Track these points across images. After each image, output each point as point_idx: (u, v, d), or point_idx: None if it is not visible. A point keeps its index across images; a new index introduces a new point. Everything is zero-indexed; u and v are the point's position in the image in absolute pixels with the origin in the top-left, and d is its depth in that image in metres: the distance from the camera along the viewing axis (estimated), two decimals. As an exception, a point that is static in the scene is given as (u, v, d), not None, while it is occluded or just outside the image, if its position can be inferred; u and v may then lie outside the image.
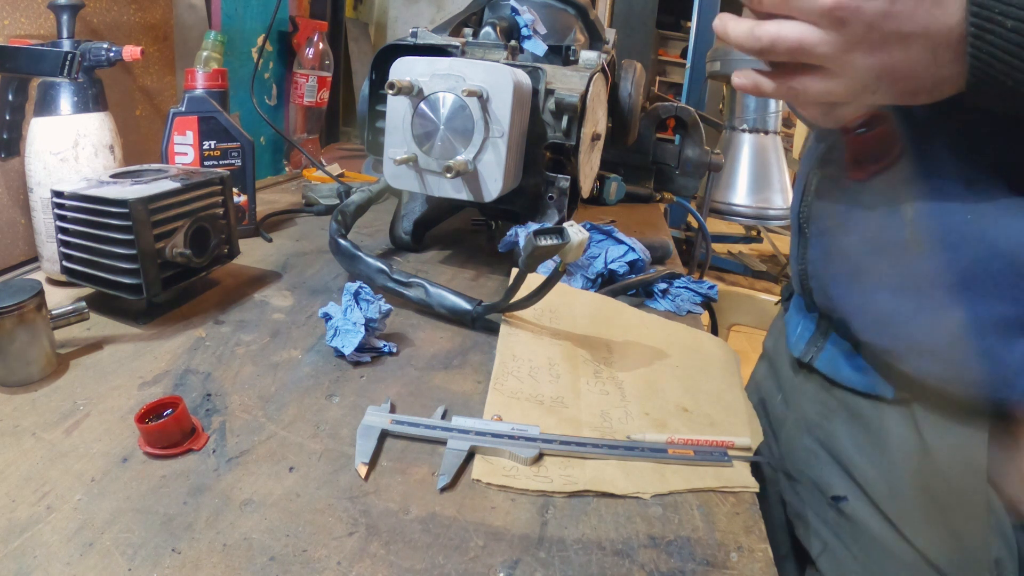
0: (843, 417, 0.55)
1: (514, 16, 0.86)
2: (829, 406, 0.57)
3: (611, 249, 0.76)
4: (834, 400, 0.56)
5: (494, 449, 0.45)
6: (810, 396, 0.59)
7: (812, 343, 0.58)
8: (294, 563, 0.36)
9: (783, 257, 4.04)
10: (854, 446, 0.54)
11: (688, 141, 1.11)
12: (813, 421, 0.58)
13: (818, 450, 0.57)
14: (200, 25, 1.04)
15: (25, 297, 0.49)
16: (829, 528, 0.56)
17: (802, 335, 0.59)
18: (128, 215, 0.56)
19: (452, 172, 0.65)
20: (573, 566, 0.37)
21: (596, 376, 0.56)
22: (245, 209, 0.87)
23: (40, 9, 0.72)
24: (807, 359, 0.58)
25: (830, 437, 0.56)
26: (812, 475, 0.58)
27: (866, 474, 0.52)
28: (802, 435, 0.59)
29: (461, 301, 0.64)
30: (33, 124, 0.67)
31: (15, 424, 0.45)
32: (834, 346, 0.56)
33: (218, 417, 0.48)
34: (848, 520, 0.54)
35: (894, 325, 0.48)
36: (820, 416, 0.58)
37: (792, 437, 0.61)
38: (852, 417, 0.54)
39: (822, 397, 0.57)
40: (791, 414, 0.62)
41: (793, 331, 0.61)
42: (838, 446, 0.55)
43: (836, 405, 0.56)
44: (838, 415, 0.56)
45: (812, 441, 0.58)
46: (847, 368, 0.54)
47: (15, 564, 0.34)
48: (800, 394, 0.61)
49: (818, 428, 0.58)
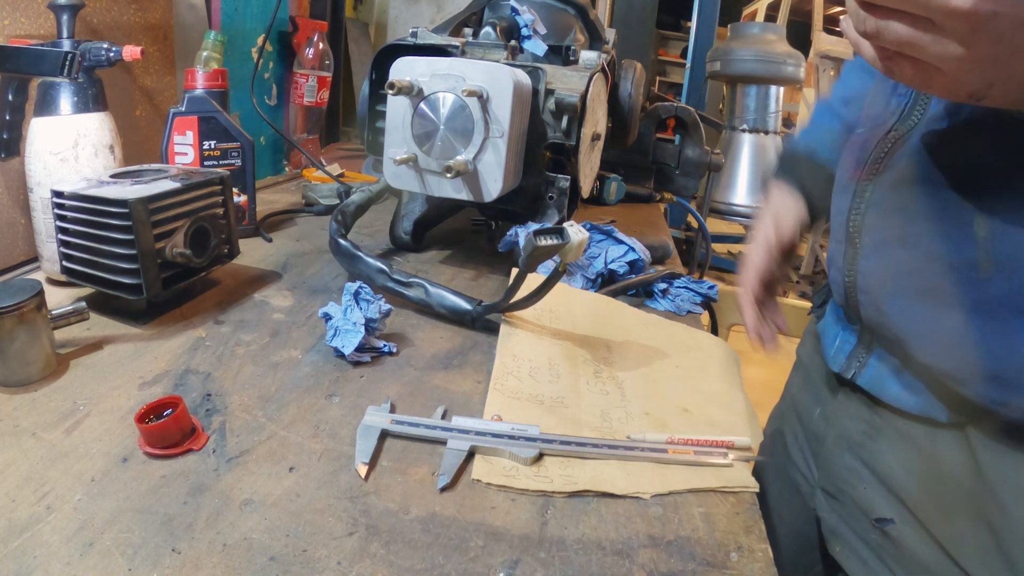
0: (890, 437, 0.52)
1: (514, 16, 0.86)
2: (873, 424, 0.54)
3: (611, 249, 0.76)
4: (879, 419, 0.53)
5: (494, 449, 0.45)
6: (852, 413, 0.56)
7: (854, 357, 0.55)
8: (294, 563, 0.36)
9: (783, 257, 4.04)
10: (902, 468, 0.51)
11: (688, 141, 1.11)
12: (855, 440, 0.56)
13: (861, 469, 0.55)
14: (200, 25, 1.04)
15: (25, 297, 0.49)
16: (871, 550, 0.54)
17: (841, 348, 0.57)
18: (128, 215, 0.56)
19: (452, 172, 0.65)
20: (573, 566, 0.37)
21: (596, 376, 0.56)
22: (245, 209, 0.87)
23: (40, 9, 0.72)
24: (848, 375, 0.55)
25: (875, 457, 0.54)
26: (854, 495, 0.55)
27: (916, 497, 0.50)
28: (843, 453, 0.57)
29: (461, 301, 0.64)
30: (33, 124, 0.67)
31: (15, 424, 0.45)
32: (880, 362, 0.53)
33: (218, 417, 0.48)
34: (894, 543, 0.52)
35: (963, 349, 0.44)
36: (863, 435, 0.55)
37: (832, 455, 0.59)
38: (900, 437, 0.52)
39: (865, 415, 0.55)
40: (831, 431, 0.59)
41: (831, 343, 0.58)
42: (884, 467, 0.53)
43: (881, 424, 0.53)
44: (884, 435, 0.53)
45: (854, 460, 0.56)
46: (895, 386, 0.51)
47: (15, 564, 0.34)
48: (841, 410, 0.58)
49: (861, 447, 0.55)
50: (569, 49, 0.83)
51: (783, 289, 3.64)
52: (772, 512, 0.65)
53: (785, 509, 0.66)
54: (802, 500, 0.63)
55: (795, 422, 0.66)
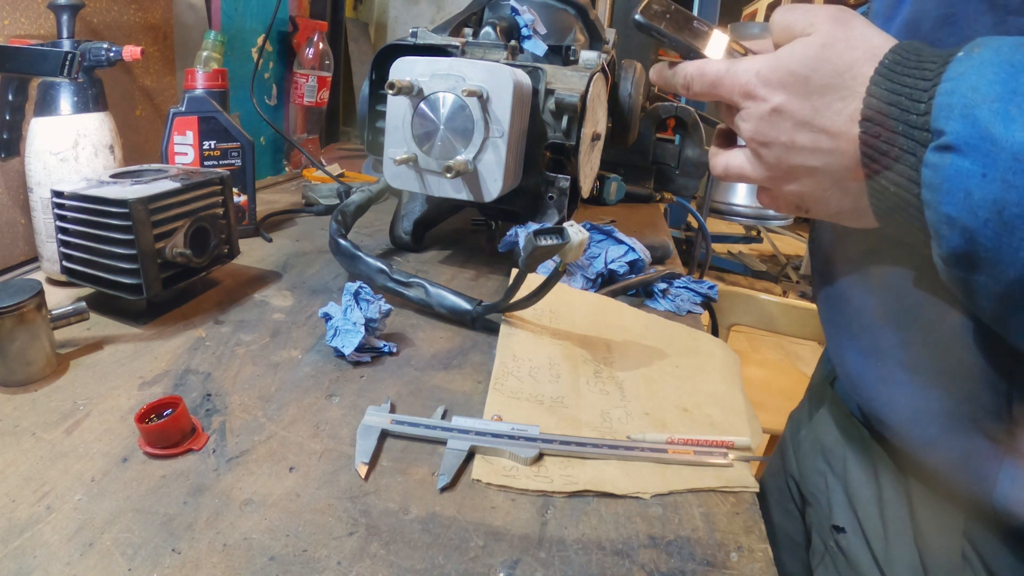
0: (856, 447, 0.52)
1: (514, 16, 0.86)
2: (848, 432, 0.54)
3: (611, 249, 0.76)
4: (853, 427, 0.53)
5: (494, 449, 0.45)
6: (830, 418, 0.57)
7: (830, 361, 0.56)
8: (294, 563, 0.36)
9: (783, 257, 4.05)
10: (860, 478, 0.51)
11: (688, 141, 1.11)
12: (827, 445, 0.56)
13: (828, 474, 0.55)
14: (200, 25, 1.04)
15: (25, 297, 0.49)
16: (830, 556, 0.54)
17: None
18: (128, 215, 0.56)
19: (452, 172, 0.65)
20: (573, 566, 0.37)
21: (596, 376, 0.56)
22: (245, 209, 0.87)
23: (40, 9, 0.72)
24: (830, 379, 0.56)
25: (841, 463, 0.54)
26: (821, 499, 0.56)
27: (866, 510, 0.50)
28: (817, 457, 0.57)
29: (461, 301, 0.64)
30: (33, 124, 0.67)
31: (15, 424, 0.45)
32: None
33: (218, 417, 0.48)
34: (843, 553, 0.52)
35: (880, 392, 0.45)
36: (835, 441, 0.55)
37: (807, 457, 0.59)
38: (864, 448, 0.52)
39: (843, 422, 0.55)
40: (810, 434, 0.60)
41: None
42: (849, 475, 0.53)
43: (855, 432, 0.53)
44: (855, 443, 0.53)
45: (824, 464, 0.56)
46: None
47: (15, 564, 0.34)
48: (825, 414, 0.58)
49: (831, 453, 0.55)
50: (569, 49, 0.83)
51: (784, 289, 3.65)
52: (772, 514, 0.65)
53: (779, 513, 0.65)
54: (794, 506, 0.63)
55: (794, 424, 0.66)
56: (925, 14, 0.38)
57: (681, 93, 0.43)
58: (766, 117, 0.37)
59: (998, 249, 0.29)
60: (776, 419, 1.00)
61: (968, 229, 0.30)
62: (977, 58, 0.30)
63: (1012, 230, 0.28)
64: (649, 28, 0.42)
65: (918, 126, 0.32)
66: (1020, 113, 0.28)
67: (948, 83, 0.31)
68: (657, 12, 0.42)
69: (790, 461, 0.64)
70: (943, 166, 0.30)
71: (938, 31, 0.37)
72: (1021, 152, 0.28)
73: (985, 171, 0.28)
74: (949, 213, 0.30)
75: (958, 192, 0.29)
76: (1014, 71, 0.29)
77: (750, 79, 0.38)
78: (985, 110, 0.29)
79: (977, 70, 0.30)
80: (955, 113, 0.30)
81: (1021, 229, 0.28)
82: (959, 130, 0.29)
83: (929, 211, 0.31)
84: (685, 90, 0.42)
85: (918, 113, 0.31)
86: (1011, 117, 0.28)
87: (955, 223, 0.30)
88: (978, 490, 0.39)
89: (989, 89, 0.29)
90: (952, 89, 0.30)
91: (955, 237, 0.30)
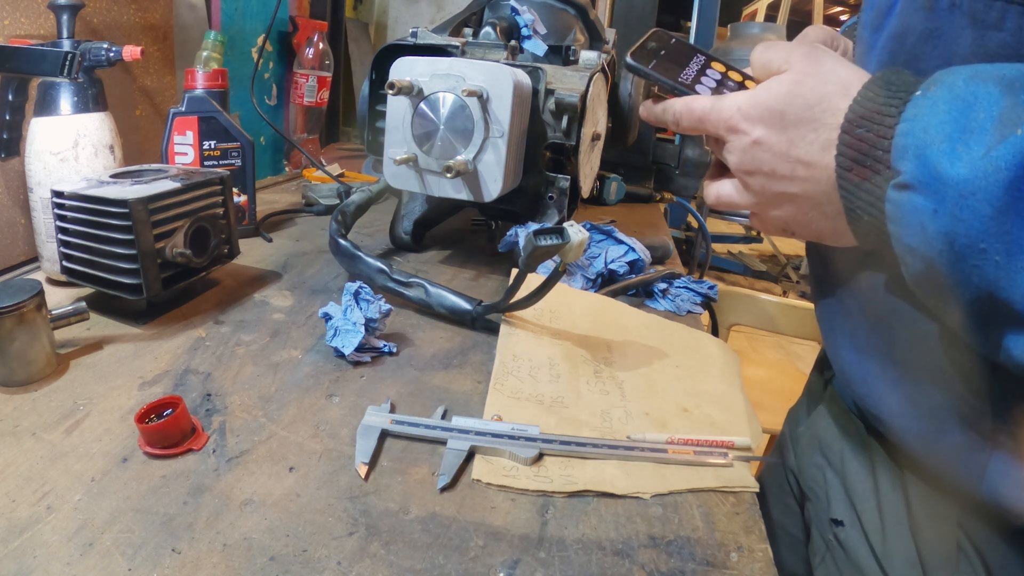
0: (854, 442, 0.53)
1: (514, 16, 0.86)
2: (845, 427, 0.55)
3: (611, 249, 0.76)
4: (850, 422, 0.54)
5: (494, 449, 0.45)
6: (828, 414, 0.58)
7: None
8: (294, 563, 0.36)
9: (783, 257, 4.05)
10: (859, 472, 0.52)
11: (688, 141, 1.11)
12: (825, 440, 0.57)
13: (826, 468, 0.56)
14: (200, 25, 1.04)
15: (25, 297, 0.49)
16: (830, 552, 0.54)
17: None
18: (128, 215, 0.56)
19: (452, 172, 0.65)
20: (573, 566, 0.37)
21: (596, 376, 0.56)
22: (245, 209, 0.87)
23: (40, 9, 0.72)
24: (828, 375, 0.56)
25: (841, 458, 0.54)
26: (820, 493, 0.57)
27: (864, 503, 0.51)
28: (814, 452, 0.58)
29: (461, 301, 0.64)
30: (33, 124, 0.67)
31: (15, 424, 0.45)
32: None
33: (218, 417, 0.48)
34: (842, 547, 0.52)
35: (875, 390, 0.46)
36: (833, 436, 0.56)
37: (805, 451, 0.60)
38: (863, 442, 0.52)
39: (840, 418, 0.56)
40: (808, 429, 0.60)
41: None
42: (847, 469, 0.53)
43: (852, 428, 0.54)
44: (852, 438, 0.54)
45: (821, 459, 0.57)
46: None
47: (15, 564, 0.34)
48: (820, 411, 0.59)
49: (829, 447, 0.56)
50: (569, 49, 0.83)
51: (784, 289, 3.65)
52: (772, 510, 0.65)
53: (779, 510, 0.66)
54: (794, 501, 0.63)
55: (793, 420, 0.66)
56: (911, 28, 0.39)
57: (671, 128, 0.46)
58: (748, 149, 0.40)
59: (953, 275, 0.32)
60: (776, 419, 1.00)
61: (927, 258, 0.32)
62: (931, 97, 0.33)
63: (963, 259, 0.31)
64: (638, 70, 0.44)
65: (883, 162, 0.34)
66: (966, 150, 0.30)
67: (905, 124, 0.33)
68: (652, 49, 0.45)
69: (789, 456, 0.64)
70: (902, 202, 0.33)
71: (922, 44, 0.38)
72: (966, 188, 0.30)
73: (936, 207, 0.31)
74: (910, 244, 0.33)
75: (915, 226, 0.32)
76: (965, 107, 0.31)
77: (733, 114, 0.40)
78: (935, 150, 0.31)
79: (930, 110, 0.32)
80: (909, 154, 0.32)
81: (971, 257, 0.30)
82: (912, 170, 0.32)
83: (894, 240, 0.34)
84: (675, 125, 0.45)
85: (883, 149, 0.34)
86: (957, 155, 0.30)
87: (916, 252, 0.33)
88: (968, 483, 0.40)
89: (939, 130, 0.31)
90: (908, 130, 0.33)
91: (917, 264, 0.33)
